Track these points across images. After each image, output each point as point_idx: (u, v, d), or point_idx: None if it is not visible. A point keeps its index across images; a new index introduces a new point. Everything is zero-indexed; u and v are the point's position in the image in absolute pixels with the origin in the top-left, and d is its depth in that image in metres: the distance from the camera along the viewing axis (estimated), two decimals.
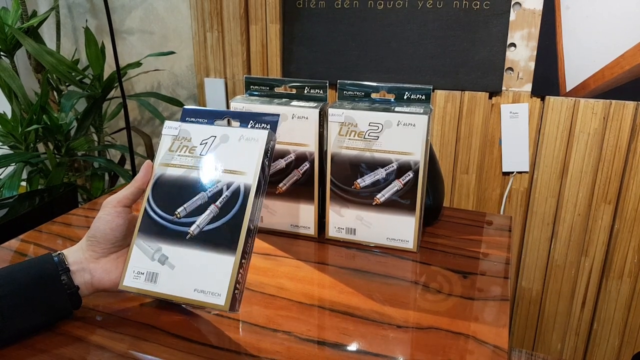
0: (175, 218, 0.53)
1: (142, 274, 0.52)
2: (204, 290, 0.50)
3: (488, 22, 1.23)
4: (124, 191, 0.54)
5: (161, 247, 0.52)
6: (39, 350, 0.49)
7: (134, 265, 0.52)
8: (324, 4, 1.37)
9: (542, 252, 1.34)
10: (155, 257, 0.52)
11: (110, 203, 0.53)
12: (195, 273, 0.51)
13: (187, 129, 0.56)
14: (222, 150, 0.55)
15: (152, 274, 0.52)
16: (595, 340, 1.35)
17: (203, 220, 0.52)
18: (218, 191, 0.53)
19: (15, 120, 1.47)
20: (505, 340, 0.50)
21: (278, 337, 0.51)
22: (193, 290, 0.51)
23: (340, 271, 0.64)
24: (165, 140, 0.56)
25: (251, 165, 0.53)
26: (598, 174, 1.22)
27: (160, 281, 0.52)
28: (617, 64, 1.15)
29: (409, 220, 0.68)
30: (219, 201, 0.53)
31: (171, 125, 0.57)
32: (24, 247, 0.71)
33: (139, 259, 0.53)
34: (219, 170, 0.54)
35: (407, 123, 0.64)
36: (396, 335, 0.51)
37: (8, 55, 1.51)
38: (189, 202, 0.53)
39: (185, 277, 0.51)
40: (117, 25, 1.69)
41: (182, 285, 0.51)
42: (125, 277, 0.52)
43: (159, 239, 0.53)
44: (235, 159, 0.54)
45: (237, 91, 1.54)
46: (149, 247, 0.53)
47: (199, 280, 0.51)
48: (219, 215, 0.52)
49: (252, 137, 0.54)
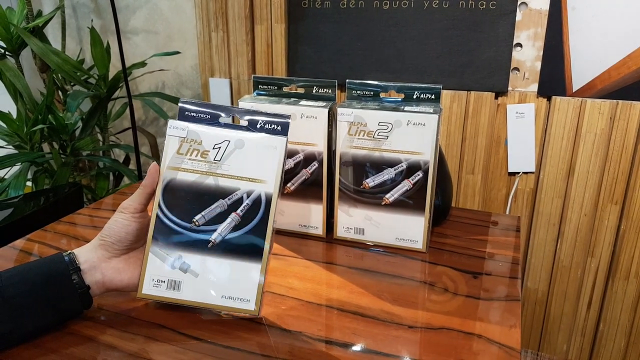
0: (194, 226, 0.53)
1: (162, 282, 0.52)
2: (232, 297, 0.51)
3: (494, 22, 1.23)
4: (138, 198, 0.53)
5: (181, 255, 0.52)
6: (49, 349, 0.48)
7: (152, 274, 0.52)
8: (329, 3, 1.37)
9: (548, 252, 1.34)
10: (175, 265, 0.52)
11: (128, 209, 0.53)
12: (221, 280, 0.52)
13: (196, 131, 0.53)
14: (238, 157, 0.53)
15: (174, 282, 0.52)
16: (601, 341, 1.35)
17: (224, 228, 0.52)
18: (238, 199, 0.53)
19: (21, 120, 1.47)
20: (517, 341, 0.50)
21: (288, 336, 0.51)
22: (221, 297, 0.52)
23: (349, 271, 0.64)
24: (171, 142, 0.53)
25: (271, 173, 0.53)
26: (604, 175, 1.22)
27: (185, 289, 0.52)
28: (623, 64, 1.15)
29: (418, 220, 0.68)
30: (240, 209, 0.52)
31: (177, 125, 0.54)
32: (30, 246, 0.71)
33: (157, 267, 0.52)
34: (237, 177, 0.53)
35: (417, 122, 0.63)
36: (407, 336, 0.51)
37: (13, 54, 1.51)
38: (207, 209, 0.53)
39: (211, 285, 0.52)
40: (121, 25, 1.68)
41: (208, 293, 0.52)
42: (144, 285, 0.52)
43: (177, 246, 0.53)
44: (254, 166, 0.53)
45: (242, 91, 1.54)
46: (166, 254, 0.52)
47: (226, 288, 0.52)
48: (241, 223, 0.52)
49: (270, 144, 0.53)
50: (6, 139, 1.48)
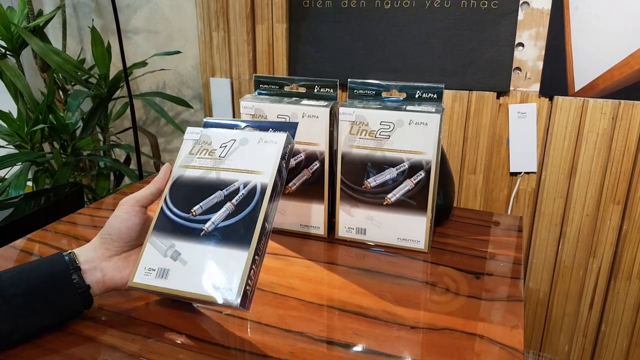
0: (191, 216, 0.53)
1: (153, 270, 0.51)
2: (214, 285, 0.49)
3: (496, 21, 1.23)
4: (143, 191, 0.54)
5: (174, 243, 0.52)
6: (49, 350, 0.48)
7: (146, 263, 0.52)
8: (331, 3, 1.37)
9: (549, 252, 1.33)
10: (167, 253, 0.52)
11: (128, 202, 0.53)
12: (207, 268, 0.51)
13: (208, 134, 0.58)
14: (240, 152, 0.56)
15: (163, 270, 0.51)
16: (603, 342, 1.34)
17: (218, 217, 0.52)
18: (235, 190, 0.53)
19: (21, 120, 1.47)
20: (520, 342, 0.50)
21: (290, 337, 0.51)
22: (203, 285, 0.50)
23: (351, 271, 0.64)
24: (186, 145, 0.58)
25: (268, 165, 0.54)
26: (607, 175, 1.22)
27: (171, 277, 0.51)
28: (626, 63, 1.14)
29: (420, 220, 0.67)
30: (235, 199, 0.53)
31: (194, 130, 0.59)
32: (30, 246, 0.71)
33: (152, 256, 0.52)
34: (236, 170, 0.54)
35: (420, 122, 0.63)
36: (409, 336, 0.51)
37: (14, 54, 1.51)
38: (205, 200, 0.53)
39: (196, 273, 0.51)
40: (122, 25, 1.68)
41: (192, 281, 0.50)
42: (136, 274, 0.52)
43: (172, 236, 0.53)
44: (253, 159, 0.55)
45: (243, 91, 1.54)
46: (162, 244, 0.52)
47: (210, 276, 0.50)
48: (234, 212, 0.52)
49: (271, 139, 0.55)
50: (7, 138, 1.48)
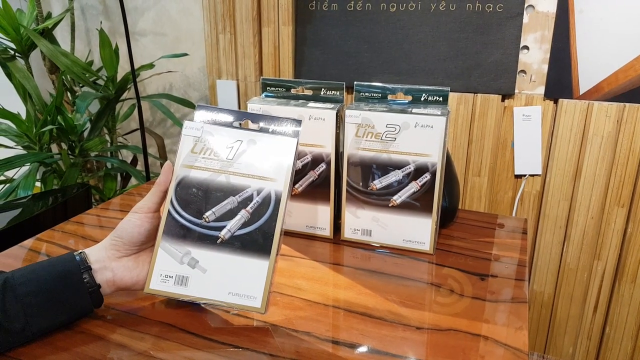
0: (204, 222, 0.53)
1: (170, 277, 0.52)
2: (239, 294, 0.51)
3: (501, 24, 1.23)
4: (152, 197, 0.54)
5: (190, 250, 0.53)
6: (60, 348, 0.49)
7: (161, 269, 0.53)
8: (337, 6, 1.37)
9: (554, 255, 1.33)
10: (184, 260, 0.53)
11: (142, 210, 0.53)
12: (229, 276, 0.52)
13: (210, 131, 0.55)
14: (250, 156, 0.54)
15: (181, 277, 0.52)
16: (607, 344, 1.34)
17: (234, 225, 0.53)
18: (248, 197, 0.53)
19: (30, 121, 1.48)
20: (524, 343, 0.50)
21: (297, 337, 0.51)
22: (227, 294, 0.52)
23: (356, 272, 0.65)
24: (186, 141, 0.55)
25: (281, 172, 0.54)
26: (611, 177, 1.22)
27: (192, 285, 0.52)
28: (631, 67, 1.14)
29: (425, 222, 0.68)
30: (249, 207, 0.53)
31: (192, 125, 0.55)
32: (39, 246, 0.72)
33: (166, 263, 0.53)
34: (248, 175, 0.54)
35: (425, 124, 0.64)
36: (415, 337, 0.51)
37: (23, 56, 1.52)
38: (218, 206, 0.53)
39: (218, 281, 0.52)
40: (130, 27, 1.70)
41: (215, 289, 0.52)
42: (152, 280, 0.53)
43: (186, 242, 0.53)
44: (265, 165, 0.54)
45: (249, 93, 1.55)
46: (176, 250, 0.53)
47: (233, 284, 0.52)
48: (250, 220, 0.53)
49: (281, 145, 0.54)
50: (15, 139, 1.49)
